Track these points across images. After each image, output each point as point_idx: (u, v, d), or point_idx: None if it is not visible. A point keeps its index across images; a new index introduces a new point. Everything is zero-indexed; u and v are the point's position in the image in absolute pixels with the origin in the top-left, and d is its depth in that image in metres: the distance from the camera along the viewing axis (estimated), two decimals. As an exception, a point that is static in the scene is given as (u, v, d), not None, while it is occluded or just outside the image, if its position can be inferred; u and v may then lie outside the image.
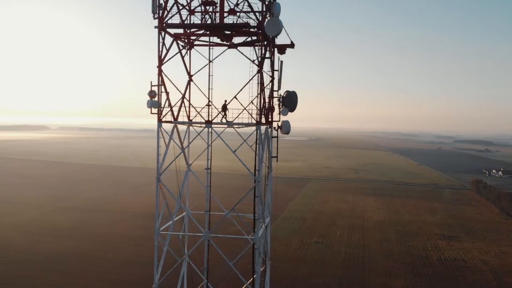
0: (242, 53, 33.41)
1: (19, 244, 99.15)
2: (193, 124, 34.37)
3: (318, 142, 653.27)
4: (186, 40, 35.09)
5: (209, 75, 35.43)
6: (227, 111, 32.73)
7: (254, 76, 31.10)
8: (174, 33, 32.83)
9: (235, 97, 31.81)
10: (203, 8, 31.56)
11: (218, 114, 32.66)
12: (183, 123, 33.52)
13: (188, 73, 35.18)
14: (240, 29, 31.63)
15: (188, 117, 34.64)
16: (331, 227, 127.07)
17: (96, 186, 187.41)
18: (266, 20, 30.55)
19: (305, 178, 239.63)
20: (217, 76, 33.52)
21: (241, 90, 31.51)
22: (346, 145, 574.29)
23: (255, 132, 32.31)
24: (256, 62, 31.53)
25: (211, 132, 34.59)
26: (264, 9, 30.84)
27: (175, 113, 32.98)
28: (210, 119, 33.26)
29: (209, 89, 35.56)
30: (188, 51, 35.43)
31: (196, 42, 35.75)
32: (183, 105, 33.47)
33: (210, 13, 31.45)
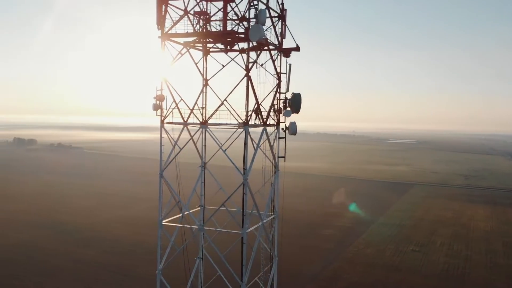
0: (232, 59, 35.64)
1: (124, 235, 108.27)
2: (188, 125, 36.23)
3: (426, 145, 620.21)
4: (201, 47, 37.05)
5: (203, 79, 36.94)
6: (259, 113, 33.86)
7: (242, 80, 32.57)
8: (184, 42, 34.92)
9: (225, 99, 33.46)
10: (196, 18, 33.84)
11: (213, 114, 34.39)
12: (180, 123, 35.59)
13: (204, 77, 36.93)
14: (231, 36, 33.17)
15: (203, 119, 36.17)
16: (431, 235, 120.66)
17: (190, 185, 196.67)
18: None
19: (408, 183, 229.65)
20: (233, 80, 34.44)
21: (229, 93, 33.37)
22: (457, 149, 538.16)
23: (265, 133, 34.97)
24: (254, 66, 33.55)
25: (205, 133, 36.45)
26: (251, 16, 32.35)
27: (173, 115, 35.47)
28: (204, 120, 35.09)
29: (203, 92, 36.91)
30: (204, 57, 37.36)
31: (212, 49, 37.57)
32: (195, 106, 35.56)
33: (201, 22, 33.74)
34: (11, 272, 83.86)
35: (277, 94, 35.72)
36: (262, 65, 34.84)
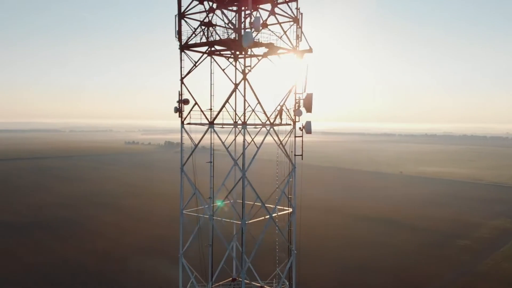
0: (217, 63, 38.83)
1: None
2: (196, 125, 39.31)
3: None
4: (231, 54, 40.00)
5: (210, 84, 38.95)
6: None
7: (240, 82, 35.85)
8: (208, 51, 37.70)
9: (226, 101, 36.79)
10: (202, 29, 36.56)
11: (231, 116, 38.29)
12: (196, 124, 38.62)
13: (233, 81, 40.27)
14: (229, 43, 35.79)
15: (239, 120, 38.42)
16: None
17: (328, 188, 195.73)
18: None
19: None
20: (259, 84, 37.20)
21: (229, 96, 37.03)
22: None
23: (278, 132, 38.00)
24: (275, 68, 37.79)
25: (213, 132, 38.66)
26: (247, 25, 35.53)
27: (191, 117, 38.64)
28: (212, 121, 37.60)
29: (211, 95, 38.87)
30: (235, 62, 40.81)
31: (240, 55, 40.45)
32: (220, 109, 38.10)
33: (207, 32, 36.44)
34: (143, 259, 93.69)
35: (292, 95, 38.00)
36: (279, 68, 38.03)
